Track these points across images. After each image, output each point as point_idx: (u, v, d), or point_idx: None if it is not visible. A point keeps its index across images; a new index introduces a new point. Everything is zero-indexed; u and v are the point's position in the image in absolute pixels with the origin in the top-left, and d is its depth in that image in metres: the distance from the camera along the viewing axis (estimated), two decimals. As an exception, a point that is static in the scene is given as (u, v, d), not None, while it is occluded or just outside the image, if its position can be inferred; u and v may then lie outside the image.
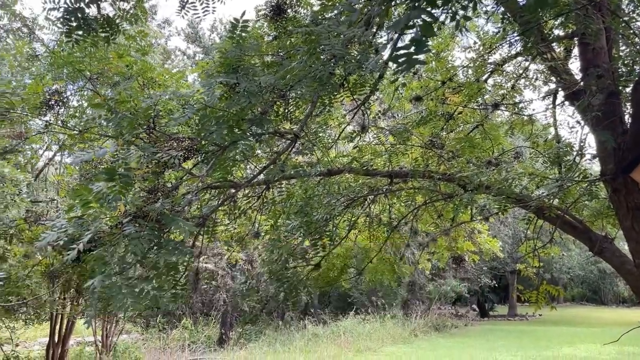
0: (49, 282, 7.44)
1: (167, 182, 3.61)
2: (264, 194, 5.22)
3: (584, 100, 4.32)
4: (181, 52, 32.52)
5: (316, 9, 5.61)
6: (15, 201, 8.20)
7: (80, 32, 3.36)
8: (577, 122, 4.94)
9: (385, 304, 25.25)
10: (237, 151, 3.08)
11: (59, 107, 7.57)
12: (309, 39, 2.80)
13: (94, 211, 2.77)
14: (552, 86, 6.93)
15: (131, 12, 5.29)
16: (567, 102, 5.78)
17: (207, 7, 4.38)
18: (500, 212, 5.11)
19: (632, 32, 4.89)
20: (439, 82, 6.53)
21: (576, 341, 20.26)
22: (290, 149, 3.71)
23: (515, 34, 5.73)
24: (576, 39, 5.32)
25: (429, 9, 1.53)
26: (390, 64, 4.71)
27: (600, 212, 5.23)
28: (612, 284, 45.21)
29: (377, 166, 5.98)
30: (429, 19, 1.60)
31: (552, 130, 7.52)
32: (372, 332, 20.56)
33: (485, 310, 34.68)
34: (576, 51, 5.83)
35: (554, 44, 5.82)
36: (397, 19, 1.59)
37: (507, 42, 6.26)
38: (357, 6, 2.57)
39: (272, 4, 5.35)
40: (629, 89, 4.67)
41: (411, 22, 1.60)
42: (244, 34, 3.35)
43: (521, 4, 4.16)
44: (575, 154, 4.93)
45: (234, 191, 4.39)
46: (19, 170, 8.69)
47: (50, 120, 7.96)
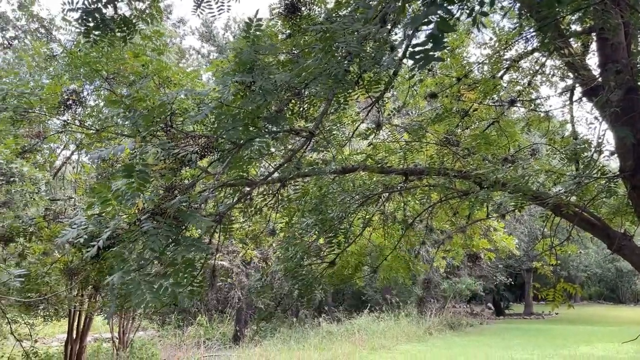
0: (68, 279, 7.55)
1: (184, 180, 3.64)
2: (279, 192, 5.23)
3: (602, 96, 4.26)
4: (195, 51, 32.76)
5: (330, 6, 5.62)
6: (34, 199, 8.33)
7: (98, 32, 3.40)
8: (596, 118, 4.88)
9: (399, 301, 25.19)
10: (253, 149, 3.10)
11: (76, 107, 7.66)
12: (325, 37, 2.80)
13: (112, 208, 2.81)
14: (569, 82, 6.85)
15: (147, 11, 5.34)
16: (584, 98, 5.71)
17: (222, 5, 4.40)
18: (516, 210, 5.06)
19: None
20: (454, 79, 6.49)
21: (593, 340, 20.02)
22: (306, 146, 3.72)
23: (531, 30, 5.67)
24: (594, 34, 5.26)
25: (446, 5, 1.53)
26: (404, 60, 4.70)
27: (618, 209, 5.16)
28: (630, 282, 44.58)
29: (391, 164, 5.97)
30: (446, 15, 1.59)
31: (569, 126, 7.44)
32: (387, 330, 20.53)
33: (500, 308, 34.41)
34: (594, 46, 5.76)
35: (571, 40, 5.75)
36: (415, 15, 1.59)
37: (523, 38, 6.20)
38: (372, 3, 2.57)
39: (287, 2, 5.36)
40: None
41: (428, 19, 1.60)
42: (258, 33, 3.36)
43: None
44: (593, 150, 4.87)
45: (248, 189, 4.41)
46: (38, 169, 8.82)
47: (68, 119, 8.06)
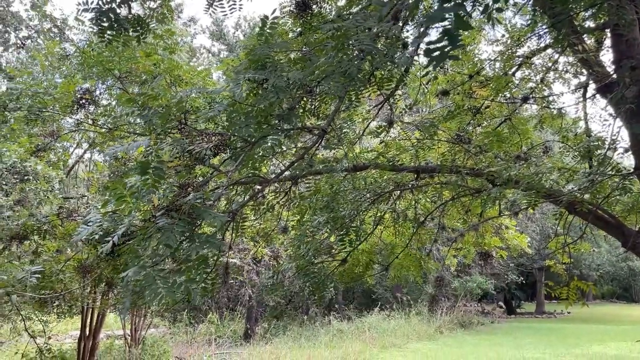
0: (82, 276, 7.63)
1: (197, 178, 3.67)
2: (290, 190, 5.25)
3: (617, 92, 4.23)
4: (206, 50, 32.90)
5: (341, 4, 5.61)
6: (48, 197, 8.42)
7: (112, 32, 3.43)
8: (610, 115, 4.83)
9: (410, 300, 25.13)
10: (266, 146, 3.11)
11: (89, 106, 7.74)
12: (338, 34, 2.81)
13: (127, 205, 2.83)
14: (583, 79, 6.79)
15: (158, 10, 5.38)
16: (598, 95, 5.66)
17: (234, 4, 4.42)
18: (530, 207, 5.03)
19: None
20: (466, 76, 6.46)
21: (606, 339, 19.85)
22: (318, 144, 3.73)
23: (544, 26, 5.62)
24: (608, 30, 5.21)
25: (463, 2, 1.52)
26: (415, 58, 4.69)
27: (633, 207, 5.11)
28: (643, 281, 44.19)
29: (403, 161, 5.95)
30: (461, 12, 1.59)
31: (582, 124, 7.37)
32: (397, 329, 20.51)
33: (512, 307, 34.21)
34: (608, 43, 5.71)
35: (584, 36, 5.70)
36: (432, 13, 1.59)
37: (536, 35, 6.15)
38: (386, 0, 2.57)
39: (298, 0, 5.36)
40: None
41: (444, 16, 1.59)
42: (271, 31, 3.37)
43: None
44: (606, 147, 4.83)
45: (259, 187, 4.43)
46: (51, 167, 8.91)
47: (81, 118, 8.14)
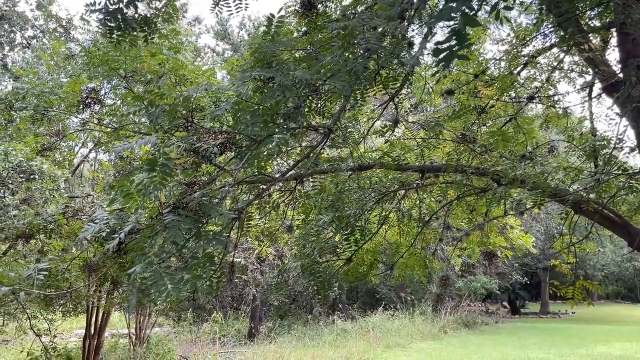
0: (87, 275, 7.65)
1: (203, 177, 3.68)
2: (296, 189, 5.26)
3: (623, 91, 4.21)
4: (210, 50, 32.94)
5: (345, 3, 5.61)
6: (54, 196, 8.45)
7: (119, 33, 3.44)
8: (617, 114, 4.82)
9: (414, 300, 25.11)
10: (272, 145, 3.12)
11: (95, 105, 7.76)
12: (344, 33, 2.81)
13: (134, 202, 2.85)
14: (588, 78, 6.77)
15: (163, 10, 5.39)
16: (604, 95, 5.64)
17: (239, 3, 4.42)
18: (536, 207, 5.03)
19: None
20: (471, 75, 6.45)
21: (611, 339, 19.78)
22: (323, 143, 3.74)
23: (549, 25, 5.61)
24: (614, 29, 5.19)
25: (472, 0, 1.52)
26: (421, 57, 4.68)
27: (639, 207, 5.09)
28: (648, 281, 44.02)
29: (408, 161, 5.96)
30: (470, 11, 1.59)
31: (587, 123, 7.35)
32: (401, 328, 20.48)
33: (516, 307, 34.12)
34: (613, 42, 5.69)
35: (590, 35, 5.68)
36: (440, 11, 1.59)
37: (542, 34, 6.14)
38: (392, -1, 2.57)
39: (303, -1, 5.37)
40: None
41: (452, 15, 1.59)
42: (278, 30, 3.38)
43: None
44: (612, 147, 4.82)
45: (264, 187, 4.44)
46: (57, 166, 8.94)
47: (86, 118, 8.17)
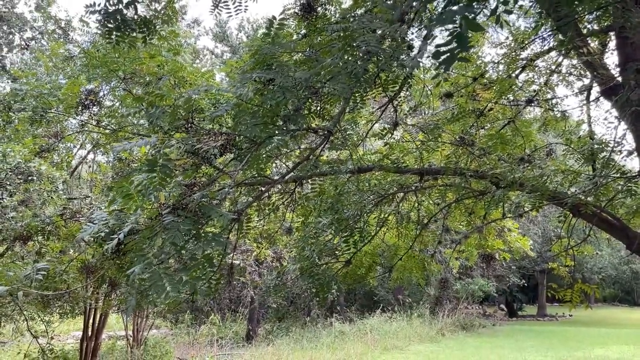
0: (85, 277, 7.64)
1: (202, 178, 3.68)
2: (295, 191, 5.26)
3: (622, 95, 4.23)
4: (209, 52, 32.95)
5: (345, 6, 5.63)
6: (52, 198, 8.42)
7: (119, 34, 3.44)
8: (615, 117, 4.83)
9: (411, 302, 25.09)
10: (272, 147, 3.12)
11: (93, 107, 7.75)
12: (344, 35, 2.82)
13: (134, 203, 2.84)
14: (586, 82, 6.78)
15: (162, 12, 5.39)
16: (602, 98, 5.66)
17: (239, 5, 4.43)
18: (534, 209, 5.03)
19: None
20: (470, 78, 6.46)
21: (608, 342, 19.80)
22: (323, 145, 3.74)
23: (548, 29, 5.63)
24: (612, 33, 5.21)
25: (473, 4, 1.53)
26: (420, 60, 4.69)
27: (637, 210, 5.10)
28: (645, 284, 44.09)
29: (407, 163, 5.96)
30: (471, 15, 1.59)
31: (585, 126, 7.37)
32: (399, 331, 20.47)
33: (513, 310, 34.14)
34: (612, 45, 5.71)
35: (588, 38, 5.70)
36: (440, 14, 1.59)
37: (540, 37, 6.15)
38: (389, 2, 2.57)
39: (303, 1, 5.38)
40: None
41: (453, 18, 1.59)
42: (278, 32, 3.38)
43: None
44: (610, 150, 4.83)
45: (263, 189, 4.44)
46: (55, 168, 8.92)
47: (85, 119, 8.16)
